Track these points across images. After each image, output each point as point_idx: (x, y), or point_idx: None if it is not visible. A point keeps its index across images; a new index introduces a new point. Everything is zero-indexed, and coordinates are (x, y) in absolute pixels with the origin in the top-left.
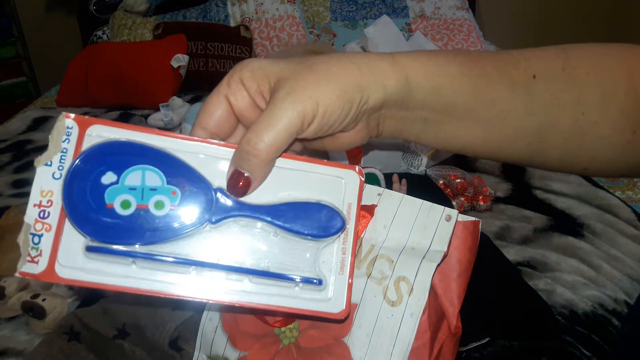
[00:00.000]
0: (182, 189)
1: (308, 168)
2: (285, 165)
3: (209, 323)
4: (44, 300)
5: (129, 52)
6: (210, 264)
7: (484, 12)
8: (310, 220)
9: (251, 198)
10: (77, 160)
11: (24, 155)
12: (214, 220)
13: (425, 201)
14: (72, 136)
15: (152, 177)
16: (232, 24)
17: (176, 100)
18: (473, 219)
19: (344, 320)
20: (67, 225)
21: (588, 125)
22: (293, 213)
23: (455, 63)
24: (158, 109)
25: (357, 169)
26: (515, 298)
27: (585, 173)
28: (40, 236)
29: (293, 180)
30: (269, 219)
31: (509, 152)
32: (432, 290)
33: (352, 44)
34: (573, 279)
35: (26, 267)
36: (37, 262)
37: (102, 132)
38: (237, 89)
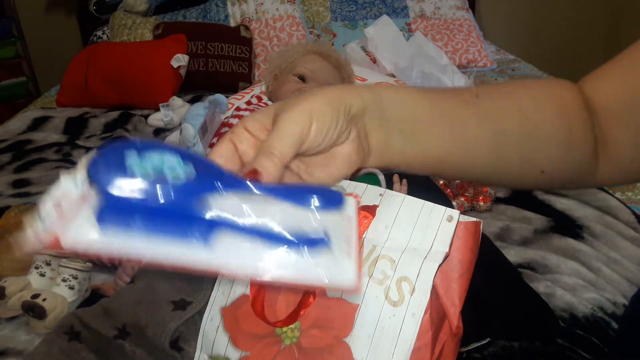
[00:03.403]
0: (196, 165)
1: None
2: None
3: (210, 323)
4: (44, 300)
5: (129, 52)
6: (225, 221)
7: (484, 12)
8: (310, 194)
9: None
10: (104, 143)
11: (24, 155)
12: (223, 193)
13: (426, 202)
14: None
15: (170, 158)
16: (232, 24)
17: (176, 100)
18: (474, 219)
19: (357, 291)
20: (83, 215)
21: (532, 127)
22: (295, 189)
23: (415, 89)
24: (158, 109)
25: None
26: (515, 299)
27: (542, 178)
28: (51, 219)
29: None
30: (275, 195)
31: (476, 158)
32: (434, 290)
33: (352, 44)
34: (573, 282)
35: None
36: (44, 235)
37: None
38: (241, 133)
